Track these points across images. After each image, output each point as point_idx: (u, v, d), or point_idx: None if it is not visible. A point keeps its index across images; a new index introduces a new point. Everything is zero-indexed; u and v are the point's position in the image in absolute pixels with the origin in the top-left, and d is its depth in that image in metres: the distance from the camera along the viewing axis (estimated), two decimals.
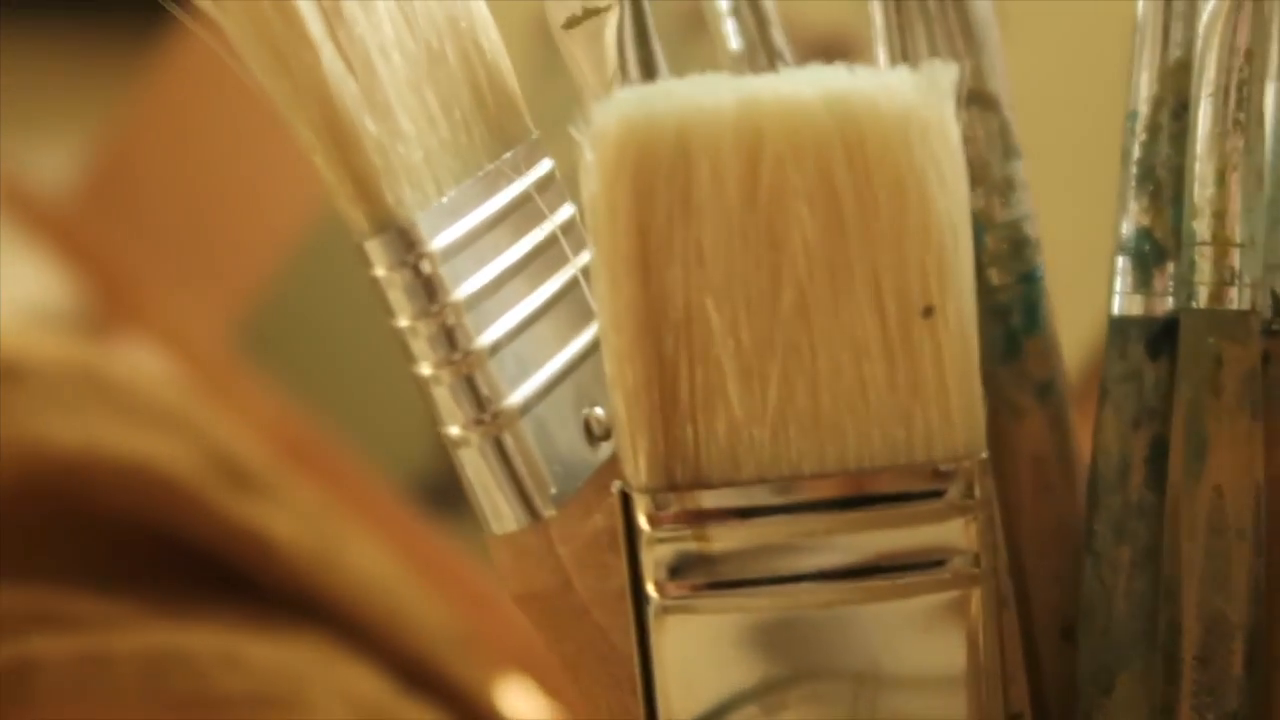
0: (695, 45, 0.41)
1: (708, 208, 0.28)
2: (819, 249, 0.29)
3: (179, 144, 0.80)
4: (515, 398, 0.30)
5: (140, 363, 0.73)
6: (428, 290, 0.29)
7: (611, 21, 0.33)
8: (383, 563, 0.52)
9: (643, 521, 0.29)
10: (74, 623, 0.45)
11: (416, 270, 0.29)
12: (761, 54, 0.35)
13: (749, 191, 0.28)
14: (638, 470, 0.29)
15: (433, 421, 0.30)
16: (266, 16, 0.29)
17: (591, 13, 0.33)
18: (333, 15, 0.29)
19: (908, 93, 0.28)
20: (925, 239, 0.29)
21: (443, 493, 0.64)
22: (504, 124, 0.32)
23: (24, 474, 0.47)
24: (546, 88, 0.34)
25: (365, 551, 0.52)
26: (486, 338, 0.30)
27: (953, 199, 0.29)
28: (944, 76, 0.29)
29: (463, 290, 0.30)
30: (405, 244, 0.29)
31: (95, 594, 0.46)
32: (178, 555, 0.48)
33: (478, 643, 0.54)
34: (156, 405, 0.50)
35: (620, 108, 0.28)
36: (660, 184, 0.28)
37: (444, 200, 0.30)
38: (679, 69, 0.32)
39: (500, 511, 0.30)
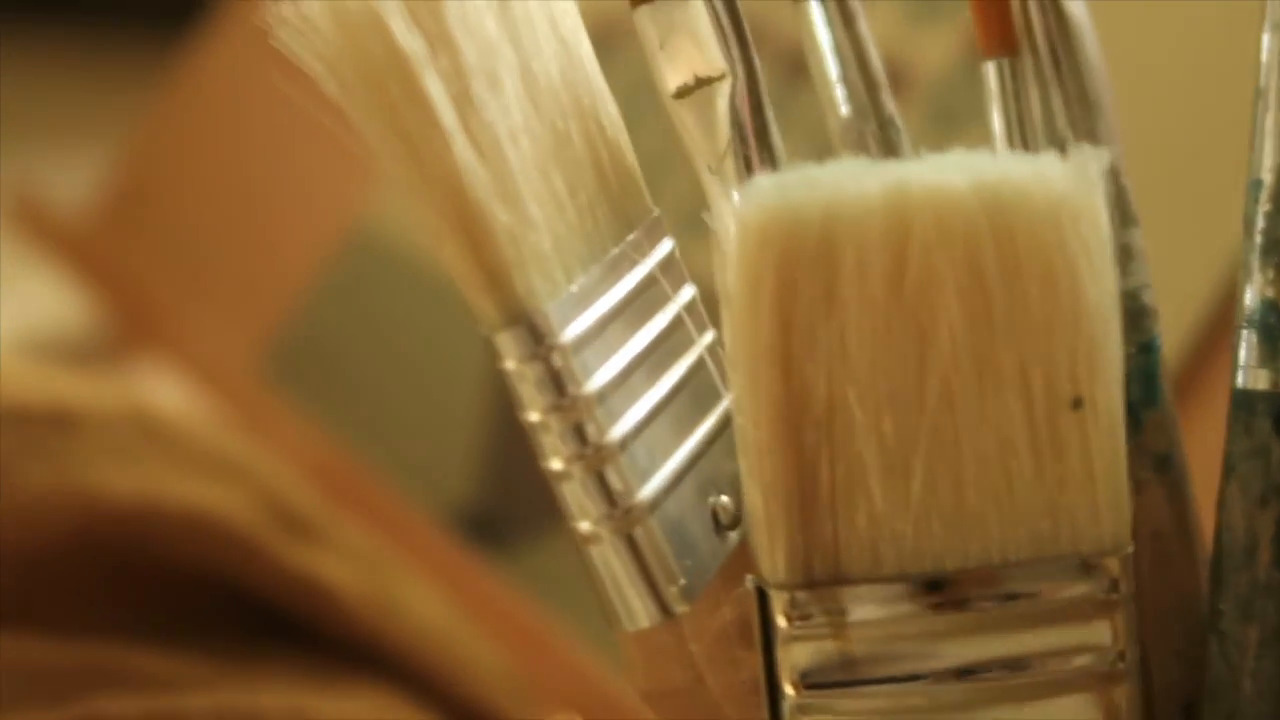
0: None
1: (852, 299, 0.28)
2: (966, 340, 0.28)
3: (203, 161, 0.79)
4: (646, 491, 0.29)
5: (166, 392, 0.72)
6: (558, 384, 0.28)
7: (724, 90, 0.32)
8: (437, 606, 0.52)
9: (780, 619, 0.28)
10: (140, 681, 0.44)
11: (548, 363, 0.28)
12: (871, 120, 0.34)
13: (895, 282, 0.28)
14: (775, 566, 0.28)
15: (472, 450, 0.29)
16: (395, 103, 0.27)
17: (704, 82, 0.32)
18: (463, 102, 0.28)
19: (1058, 181, 0.28)
20: (1075, 330, 0.28)
21: (482, 524, 0.63)
22: (626, 204, 0.31)
23: (81, 526, 0.46)
24: None
25: (420, 595, 0.51)
26: (618, 430, 0.29)
27: (1103, 288, 0.28)
28: (1093, 163, 0.28)
29: (594, 382, 0.29)
30: (536, 336, 0.28)
31: (158, 649, 0.45)
32: (236, 606, 0.48)
33: (530, 682, 0.53)
34: (211, 452, 0.49)
35: (761, 196, 0.27)
36: (804, 276, 0.27)
37: (573, 289, 0.29)
38: None
39: (632, 608, 0.29)
